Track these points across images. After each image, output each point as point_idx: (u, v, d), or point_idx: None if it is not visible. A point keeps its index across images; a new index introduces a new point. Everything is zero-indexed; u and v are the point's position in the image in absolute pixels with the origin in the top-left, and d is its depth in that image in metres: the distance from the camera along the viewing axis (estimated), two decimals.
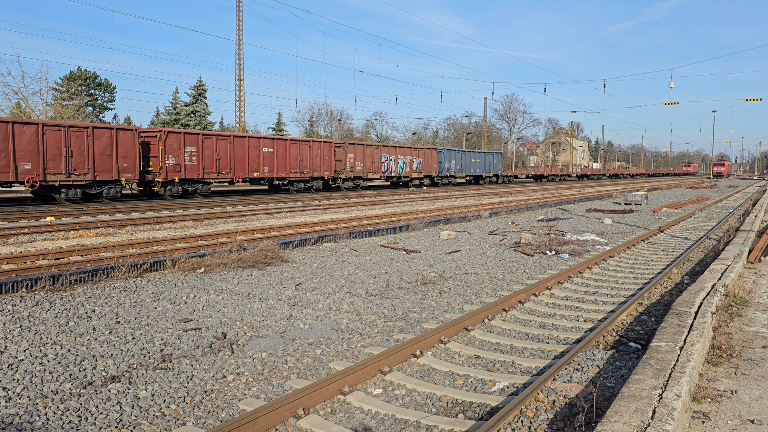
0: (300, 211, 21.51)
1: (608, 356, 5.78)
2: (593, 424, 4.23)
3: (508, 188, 46.40)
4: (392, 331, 6.76)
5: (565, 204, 27.79)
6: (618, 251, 12.59)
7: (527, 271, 10.53)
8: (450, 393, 4.97)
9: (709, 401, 4.43)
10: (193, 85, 73.46)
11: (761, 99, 45.61)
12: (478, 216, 19.86)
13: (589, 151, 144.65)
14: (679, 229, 17.89)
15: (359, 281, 9.40)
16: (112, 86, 76.88)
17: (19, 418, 4.35)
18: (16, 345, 5.91)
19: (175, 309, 7.48)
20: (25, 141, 22.30)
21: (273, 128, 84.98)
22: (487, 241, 14.28)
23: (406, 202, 27.41)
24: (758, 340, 5.98)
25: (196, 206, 23.22)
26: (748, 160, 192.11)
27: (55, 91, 64.71)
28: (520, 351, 6.16)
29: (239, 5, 51.80)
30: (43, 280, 8.18)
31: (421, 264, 11.06)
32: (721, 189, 50.39)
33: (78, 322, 6.77)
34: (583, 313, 7.67)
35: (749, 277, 9.29)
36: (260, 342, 6.27)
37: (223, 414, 4.59)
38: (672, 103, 47.84)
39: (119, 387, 4.97)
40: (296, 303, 7.94)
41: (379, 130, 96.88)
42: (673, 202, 30.68)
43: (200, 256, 10.29)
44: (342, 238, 13.81)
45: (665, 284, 9.42)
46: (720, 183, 71.06)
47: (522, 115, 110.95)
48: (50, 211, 19.93)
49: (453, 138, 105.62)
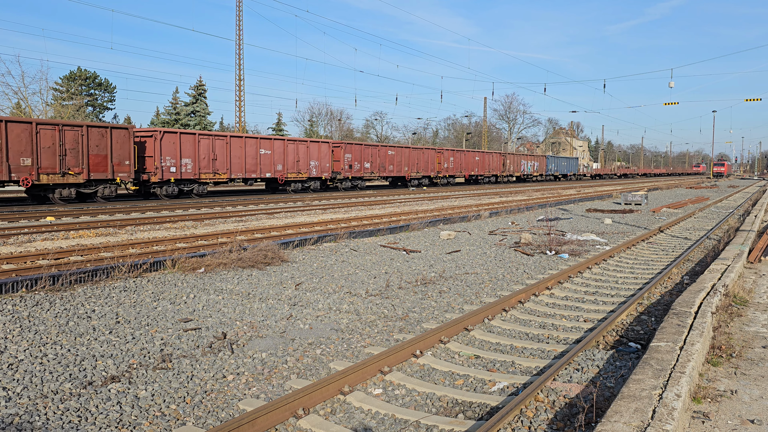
0: (300, 211, 21.51)
1: (608, 356, 5.78)
2: (593, 424, 4.23)
3: (508, 188, 46.41)
4: (392, 331, 6.76)
5: (565, 204, 27.79)
6: (618, 251, 12.59)
7: (527, 271, 10.53)
8: (450, 393, 4.97)
9: (709, 401, 4.43)
10: (193, 85, 73.52)
11: (761, 99, 45.64)
12: (478, 216, 19.86)
13: (589, 151, 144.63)
14: (679, 229, 17.89)
15: (359, 281, 9.40)
16: (112, 86, 76.94)
17: (19, 418, 4.35)
18: (16, 345, 5.91)
19: (175, 309, 7.48)
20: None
21: (273, 128, 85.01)
22: (487, 241, 14.28)
23: (406, 202, 27.41)
24: (758, 340, 5.98)
25: (196, 206, 23.22)
26: (748, 160, 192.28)
27: (55, 91, 64.74)
28: (520, 351, 6.16)
29: (239, 5, 51.80)
30: (43, 280, 8.18)
31: (421, 264, 11.06)
32: (721, 189, 50.39)
33: (78, 322, 6.77)
34: (583, 313, 7.67)
35: (749, 277, 9.29)
36: (260, 342, 6.27)
37: (223, 414, 4.59)
38: (672, 103, 47.86)
39: (119, 387, 4.97)
40: (296, 303, 7.95)
41: (379, 130, 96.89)
42: (673, 202, 30.69)
43: (200, 256, 10.29)
44: (342, 238, 13.81)
45: (665, 284, 9.42)
46: (720, 183, 71.07)
47: (522, 115, 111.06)
48: (50, 211, 19.93)
49: (453, 138, 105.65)
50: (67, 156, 23.34)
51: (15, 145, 21.82)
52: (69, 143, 23.38)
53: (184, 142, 28.16)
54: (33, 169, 22.31)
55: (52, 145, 22.84)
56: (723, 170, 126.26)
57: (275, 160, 32.93)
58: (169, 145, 27.49)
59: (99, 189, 24.74)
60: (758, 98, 48.20)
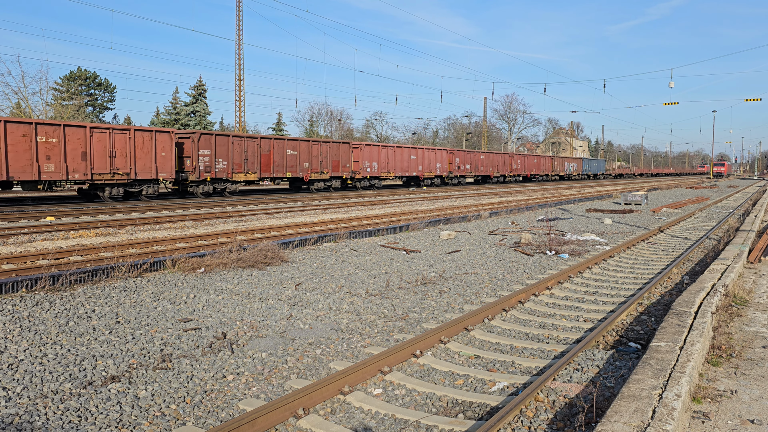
0: (300, 211, 21.51)
1: (608, 356, 5.78)
2: (593, 424, 4.23)
3: (508, 188, 46.42)
4: (392, 331, 6.76)
5: (565, 204, 27.79)
6: (618, 251, 12.59)
7: (527, 271, 10.53)
8: (450, 393, 4.97)
9: (709, 401, 4.43)
10: (193, 85, 73.53)
11: (761, 99, 45.63)
12: (478, 216, 19.86)
13: (589, 151, 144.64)
14: (679, 229, 17.89)
15: (359, 281, 9.40)
16: (112, 86, 76.92)
17: (19, 418, 4.35)
18: (16, 345, 5.91)
19: (175, 309, 7.48)
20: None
21: (273, 128, 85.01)
22: (487, 241, 14.28)
23: (406, 202, 27.41)
24: (758, 340, 5.99)
25: (196, 206, 23.23)
26: (748, 160, 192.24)
27: (55, 91, 64.73)
28: (520, 351, 6.16)
29: (239, 5, 51.80)
30: (43, 280, 8.18)
31: (421, 264, 11.06)
32: (721, 189, 50.39)
33: (78, 322, 6.77)
34: (583, 313, 7.67)
35: (749, 277, 9.29)
36: (260, 342, 6.27)
37: (223, 414, 4.59)
38: (672, 103, 47.85)
39: (119, 387, 4.97)
40: (296, 303, 7.94)
41: (379, 130, 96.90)
42: (673, 202, 30.69)
43: (200, 256, 10.29)
44: (342, 238, 13.81)
45: (665, 284, 9.42)
46: (720, 183, 71.07)
47: (522, 115, 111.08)
48: (50, 211, 19.94)
49: (453, 138, 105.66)
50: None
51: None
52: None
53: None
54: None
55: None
56: (723, 170, 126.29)
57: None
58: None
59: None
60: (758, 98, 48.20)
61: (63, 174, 23.29)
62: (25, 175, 22.18)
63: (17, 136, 21.85)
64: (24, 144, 22.04)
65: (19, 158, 21.92)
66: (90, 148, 23.95)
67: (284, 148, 33.44)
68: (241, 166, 30.67)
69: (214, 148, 29.25)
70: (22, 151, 21.99)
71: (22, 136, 21.95)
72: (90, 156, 23.98)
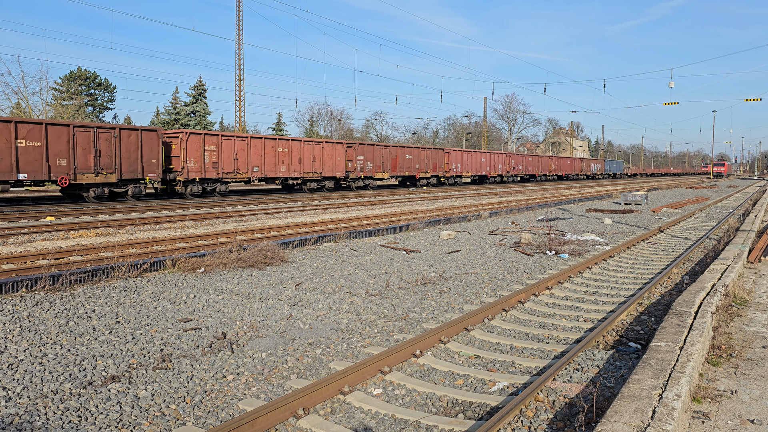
0: (300, 211, 21.51)
1: (608, 356, 5.78)
2: (593, 424, 4.23)
3: (508, 188, 46.42)
4: (392, 331, 6.76)
5: (565, 204, 27.79)
6: (618, 251, 12.59)
7: (527, 271, 10.53)
8: (450, 393, 4.97)
9: (709, 401, 4.43)
10: (193, 85, 73.58)
11: (761, 99, 45.63)
12: (478, 216, 19.86)
13: (589, 151, 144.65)
14: (679, 229, 17.89)
15: (359, 281, 9.40)
16: (112, 86, 76.94)
17: (19, 418, 4.35)
18: (16, 345, 5.91)
19: (175, 309, 7.48)
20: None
21: (273, 128, 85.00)
22: (487, 241, 14.28)
23: (406, 202, 27.41)
24: (758, 340, 5.98)
25: (196, 206, 23.23)
26: (748, 160, 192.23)
27: (55, 90, 64.77)
28: (520, 351, 6.16)
29: (239, 5, 51.80)
30: (43, 280, 8.18)
31: (421, 264, 11.06)
32: (721, 189, 50.39)
33: (78, 321, 6.77)
34: (583, 313, 7.67)
35: (749, 277, 9.29)
36: (260, 342, 6.27)
37: (223, 414, 4.59)
38: (672, 103, 47.84)
39: (119, 387, 4.97)
40: (296, 303, 7.94)
41: (379, 130, 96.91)
42: (673, 202, 30.69)
43: (200, 256, 10.29)
44: (342, 238, 13.81)
45: (665, 284, 9.42)
46: (720, 183, 71.06)
47: (522, 115, 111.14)
48: (50, 211, 19.93)
49: (453, 138, 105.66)
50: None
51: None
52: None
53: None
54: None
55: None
56: (723, 170, 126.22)
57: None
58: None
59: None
60: (758, 98, 48.20)
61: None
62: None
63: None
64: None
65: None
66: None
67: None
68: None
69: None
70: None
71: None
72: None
